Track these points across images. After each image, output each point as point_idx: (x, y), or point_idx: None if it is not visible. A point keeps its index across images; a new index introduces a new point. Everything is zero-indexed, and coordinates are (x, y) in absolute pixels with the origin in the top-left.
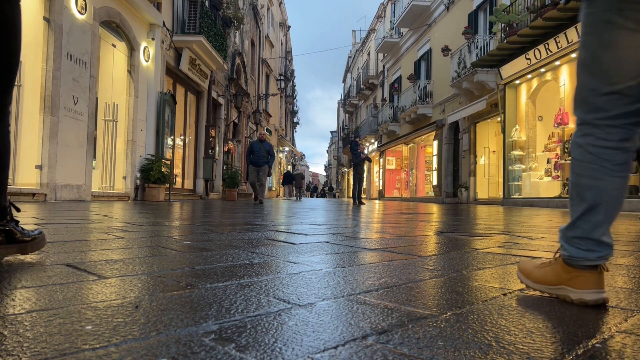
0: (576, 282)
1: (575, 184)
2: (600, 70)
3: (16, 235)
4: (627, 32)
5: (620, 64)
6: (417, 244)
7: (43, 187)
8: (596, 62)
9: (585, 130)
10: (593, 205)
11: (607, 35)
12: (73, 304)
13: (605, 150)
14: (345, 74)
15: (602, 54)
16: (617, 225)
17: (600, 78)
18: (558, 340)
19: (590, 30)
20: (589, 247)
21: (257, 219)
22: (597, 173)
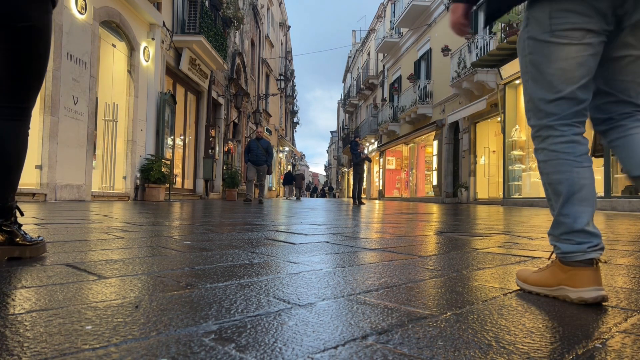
0: (574, 280)
1: (548, 183)
2: (546, 82)
3: (17, 237)
4: (561, 47)
5: (561, 74)
6: (417, 244)
7: (43, 187)
8: (542, 75)
9: (543, 134)
10: (569, 195)
11: (547, 52)
12: (73, 304)
13: (565, 144)
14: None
15: (545, 68)
16: (617, 225)
17: (547, 88)
18: (558, 340)
19: (532, 50)
20: (578, 239)
21: (257, 219)
22: (564, 167)
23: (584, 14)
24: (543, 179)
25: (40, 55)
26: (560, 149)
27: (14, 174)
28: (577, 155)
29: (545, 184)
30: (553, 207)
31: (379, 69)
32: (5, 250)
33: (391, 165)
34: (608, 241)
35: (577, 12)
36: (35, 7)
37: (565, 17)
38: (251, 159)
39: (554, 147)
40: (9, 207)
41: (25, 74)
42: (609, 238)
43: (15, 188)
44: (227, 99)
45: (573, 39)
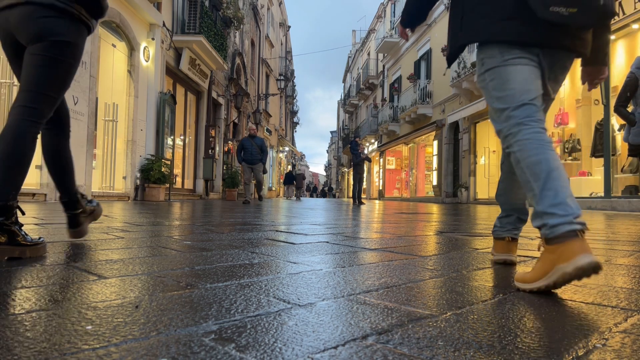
0: (566, 255)
1: (526, 168)
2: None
3: (18, 237)
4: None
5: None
6: (417, 244)
7: (43, 187)
8: (505, 92)
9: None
10: (548, 172)
11: (505, 73)
12: (73, 304)
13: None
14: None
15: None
16: (617, 225)
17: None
18: (558, 340)
19: (492, 77)
20: (562, 211)
21: (257, 219)
22: (539, 149)
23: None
24: (519, 167)
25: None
26: (533, 137)
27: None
28: (547, 141)
29: (523, 171)
30: (533, 189)
31: (379, 69)
32: (5, 250)
33: (391, 165)
34: (608, 241)
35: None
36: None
37: (511, 51)
38: (245, 158)
39: (527, 136)
40: (11, 206)
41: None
42: (609, 238)
43: (19, 187)
44: (227, 99)
45: (523, 63)
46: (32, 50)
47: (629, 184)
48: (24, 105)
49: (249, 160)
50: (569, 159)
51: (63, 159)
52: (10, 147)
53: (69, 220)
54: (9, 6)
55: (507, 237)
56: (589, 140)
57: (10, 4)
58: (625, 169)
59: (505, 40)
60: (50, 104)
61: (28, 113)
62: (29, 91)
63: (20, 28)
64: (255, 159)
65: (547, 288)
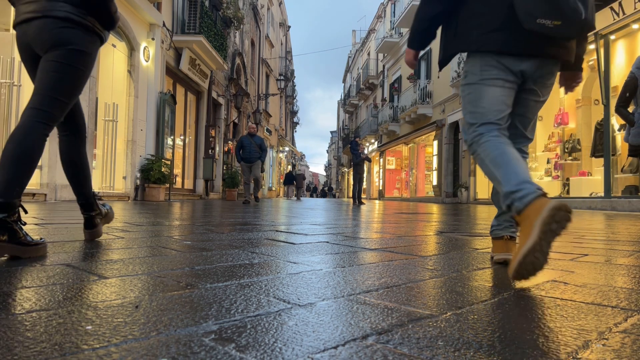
0: (537, 212)
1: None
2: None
3: (19, 236)
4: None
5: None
6: (417, 244)
7: (43, 187)
8: (477, 107)
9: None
10: (508, 161)
11: (480, 92)
12: (73, 304)
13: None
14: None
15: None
16: (617, 225)
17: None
18: (558, 340)
19: (470, 91)
20: (525, 186)
21: (257, 219)
22: (499, 146)
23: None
24: (485, 165)
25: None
26: (493, 140)
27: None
28: (506, 142)
29: (488, 167)
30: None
31: (379, 69)
32: (5, 247)
33: (391, 165)
34: (608, 241)
35: (496, 67)
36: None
37: (490, 71)
38: (244, 156)
39: (488, 139)
40: (13, 204)
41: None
42: (609, 238)
43: (23, 187)
44: (227, 99)
45: (497, 84)
46: (47, 57)
47: (629, 184)
48: (36, 108)
49: (247, 158)
50: (569, 159)
51: (79, 163)
52: (20, 147)
53: (86, 222)
54: (27, 20)
55: (506, 236)
56: (589, 140)
57: (28, 18)
58: (625, 169)
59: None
60: (61, 108)
61: (39, 115)
62: (41, 95)
63: (37, 40)
64: (254, 157)
65: (535, 247)
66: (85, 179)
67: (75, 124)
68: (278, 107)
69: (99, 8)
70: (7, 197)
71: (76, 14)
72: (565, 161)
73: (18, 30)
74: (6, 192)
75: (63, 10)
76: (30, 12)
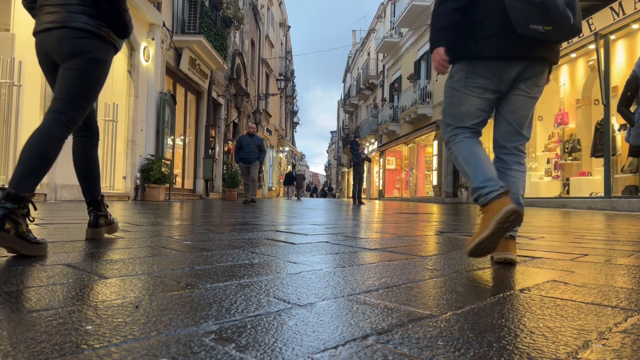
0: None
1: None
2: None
3: (23, 231)
4: (470, 97)
5: (467, 113)
6: (417, 244)
7: (43, 187)
8: (456, 110)
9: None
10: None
11: (461, 97)
12: (73, 304)
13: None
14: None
15: (459, 107)
16: (617, 225)
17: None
18: (558, 340)
19: (452, 94)
20: (490, 183)
21: (257, 219)
22: (471, 146)
23: (486, 77)
24: (458, 162)
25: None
26: (466, 140)
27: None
28: (477, 143)
29: (460, 163)
30: (468, 173)
31: (379, 69)
32: (7, 238)
33: (391, 165)
34: (608, 241)
35: (482, 76)
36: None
37: (473, 79)
38: (242, 156)
39: (462, 140)
40: (23, 197)
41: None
42: (609, 238)
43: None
44: (227, 99)
45: (477, 94)
46: (66, 65)
47: (629, 184)
48: (57, 111)
49: (245, 159)
50: (569, 159)
51: (91, 164)
52: (39, 145)
53: (90, 219)
54: (47, 29)
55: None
56: (589, 140)
57: (47, 28)
58: (625, 169)
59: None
60: (80, 112)
61: (61, 118)
62: (62, 100)
63: (56, 49)
64: (252, 157)
65: (488, 238)
66: (95, 179)
67: (90, 128)
68: (278, 107)
69: (114, 19)
70: (20, 190)
71: (92, 25)
72: (565, 161)
73: (37, 38)
74: (19, 184)
75: (80, 22)
76: (50, 23)
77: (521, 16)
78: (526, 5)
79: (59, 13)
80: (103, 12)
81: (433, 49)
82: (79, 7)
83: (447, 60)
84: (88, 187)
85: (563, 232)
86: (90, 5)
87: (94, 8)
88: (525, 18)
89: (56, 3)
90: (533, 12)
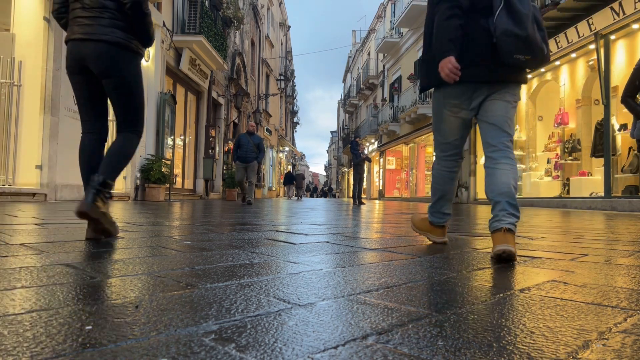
0: (434, 232)
1: (434, 187)
2: (441, 135)
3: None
4: (448, 117)
5: (448, 131)
6: (417, 244)
7: (43, 187)
8: (439, 129)
9: (440, 161)
10: (441, 195)
11: (442, 117)
12: (73, 304)
13: (443, 171)
14: (345, 74)
15: (441, 126)
16: (618, 225)
17: (442, 137)
18: (558, 340)
19: (436, 112)
20: (439, 217)
21: (257, 219)
22: (442, 181)
23: (459, 97)
24: (433, 180)
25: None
26: (441, 174)
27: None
28: (448, 178)
29: (434, 185)
30: (432, 198)
31: (379, 69)
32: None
33: (391, 165)
34: (608, 241)
35: (456, 97)
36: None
37: (450, 100)
38: (240, 155)
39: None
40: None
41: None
42: (609, 238)
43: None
44: (227, 99)
45: (454, 114)
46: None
47: (629, 184)
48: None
49: (243, 158)
50: (569, 159)
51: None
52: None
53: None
54: (82, 39)
55: (504, 228)
56: (589, 140)
57: (83, 38)
58: (625, 169)
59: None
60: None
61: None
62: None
63: (93, 60)
64: (250, 157)
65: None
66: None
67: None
68: (278, 107)
69: (141, 31)
70: (112, 179)
71: (124, 39)
72: (565, 161)
73: (72, 45)
74: (111, 176)
75: (115, 36)
76: (85, 34)
77: (509, 49)
78: (514, 39)
79: (93, 26)
80: (131, 25)
81: (441, 59)
82: (111, 21)
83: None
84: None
85: (563, 232)
86: (121, 19)
87: (124, 21)
88: (512, 50)
89: (90, 15)
90: (518, 45)
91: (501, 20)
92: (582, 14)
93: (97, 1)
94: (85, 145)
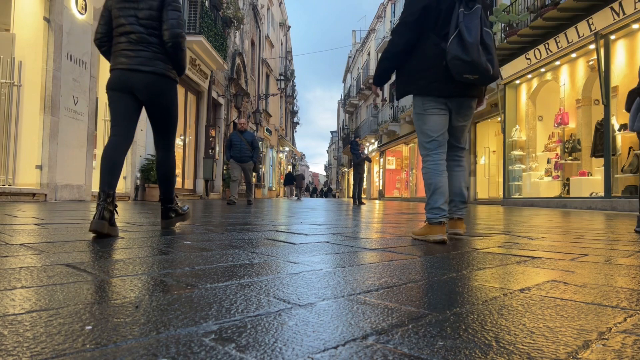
0: (432, 231)
1: (426, 182)
2: (425, 134)
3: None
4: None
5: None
6: (417, 244)
7: (43, 187)
8: (423, 130)
9: (426, 158)
10: (434, 189)
11: (424, 119)
12: (73, 304)
13: (434, 164)
14: (346, 74)
15: (424, 127)
16: (618, 225)
17: (426, 136)
18: (558, 340)
19: (417, 119)
20: (436, 212)
21: (257, 219)
22: (434, 176)
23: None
24: (424, 177)
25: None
26: (433, 167)
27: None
28: (439, 170)
29: (425, 182)
30: (427, 194)
31: None
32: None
33: (391, 165)
34: (608, 241)
35: (435, 102)
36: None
37: (429, 104)
38: (234, 155)
39: (430, 165)
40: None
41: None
42: (609, 238)
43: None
44: (227, 99)
45: (435, 113)
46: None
47: (629, 184)
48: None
49: (237, 157)
50: (569, 159)
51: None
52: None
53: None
54: (131, 70)
55: (456, 217)
56: (589, 140)
57: (131, 69)
58: (625, 169)
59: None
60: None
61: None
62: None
63: (140, 88)
64: (245, 156)
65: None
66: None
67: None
68: (278, 107)
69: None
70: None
71: (166, 69)
72: (565, 161)
73: (119, 73)
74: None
75: (159, 67)
76: (133, 64)
77: (458, 70)
78: (461, 62)
79: (139, 58)
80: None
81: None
82: (154, 54)
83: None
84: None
85: (563, 232)
86: (162, 52)
87: (164, 54)
88: (460, 71)
89: (136, 49)
90: (465, 67)
91: (452, 47)
92: (582, 14)
93: (143, 37)
94: (109, 147)
